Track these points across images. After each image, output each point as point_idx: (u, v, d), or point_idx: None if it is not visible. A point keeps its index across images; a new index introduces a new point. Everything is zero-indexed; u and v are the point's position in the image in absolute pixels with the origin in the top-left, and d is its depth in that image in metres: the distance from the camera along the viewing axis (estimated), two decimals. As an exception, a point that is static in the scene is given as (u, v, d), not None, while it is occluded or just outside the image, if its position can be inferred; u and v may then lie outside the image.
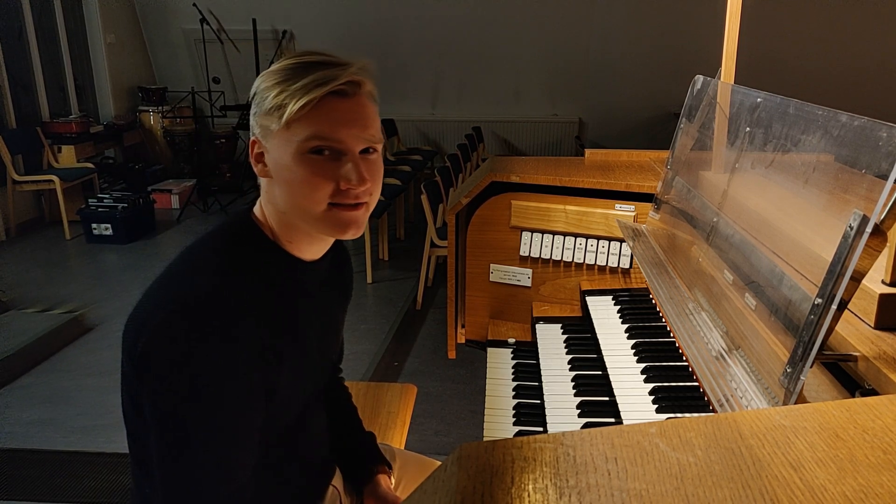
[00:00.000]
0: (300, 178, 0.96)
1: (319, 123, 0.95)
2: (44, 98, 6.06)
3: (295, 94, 0.94)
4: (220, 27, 6.98)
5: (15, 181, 5.37)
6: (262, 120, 0.98)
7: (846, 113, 1.00)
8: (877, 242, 0.84)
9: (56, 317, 3.68)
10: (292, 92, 0.94)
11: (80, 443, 2.70)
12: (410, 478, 1.44)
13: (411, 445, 1.76)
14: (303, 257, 1.07)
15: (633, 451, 0.62)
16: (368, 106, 1.00)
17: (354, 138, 0.97)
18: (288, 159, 0.96)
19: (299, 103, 0.93)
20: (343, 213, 0.99)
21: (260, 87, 0.98)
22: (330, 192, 0.97)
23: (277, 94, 0.95)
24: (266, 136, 0.99)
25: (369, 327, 3.81)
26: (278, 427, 1.08)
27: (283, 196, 1.00)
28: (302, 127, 0.95)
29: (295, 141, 0.95)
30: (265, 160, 1.00)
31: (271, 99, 0.95)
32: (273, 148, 0.98)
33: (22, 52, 5.85)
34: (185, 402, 0.91)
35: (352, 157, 0.97)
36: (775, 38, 6.07)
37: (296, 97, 0.93)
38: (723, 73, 1.64)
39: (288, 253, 1.05)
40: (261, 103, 0.98)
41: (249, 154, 1.03)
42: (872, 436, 0.65)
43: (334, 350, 1.29)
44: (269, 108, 0.96)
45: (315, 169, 0.96)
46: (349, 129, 0.96)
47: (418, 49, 7.02)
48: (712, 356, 1.21)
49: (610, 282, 1.98)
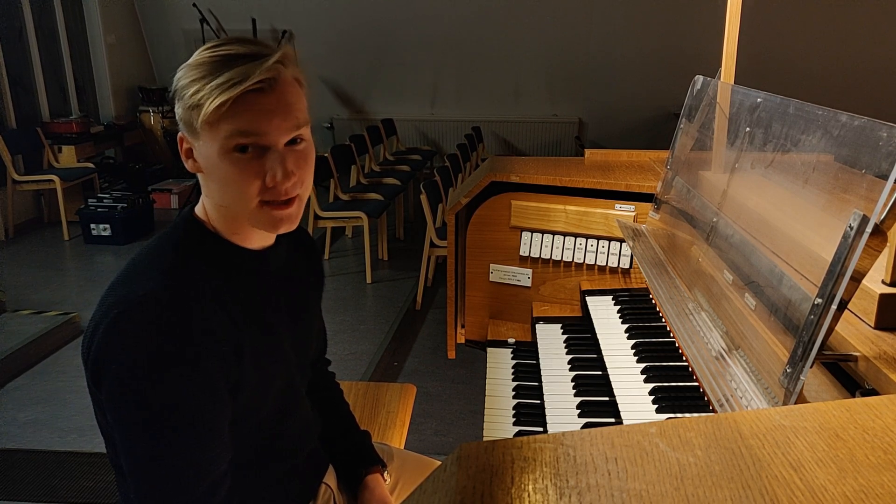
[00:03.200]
0: (228, 177, 0.95)
1: (239, 121, 0.92)
2: (44, 98, 6.06)
3: (211, 93, 0.91)
4: (219, 27, 6.97)
5: (15, 181, 5.37)
6: (184, 116, 0.96)
7: (846, 113, 1.00)
8: (877, 242, 0.84)
9: (51, 318, 3.68)
10: (208, 91, 0.91)
11: (75, 443, 2.70)
12: (410, 478, 1.43)
13: (411, 445, 1.76)
14: (251, 247, 1.05)
15: (633, 451, 0.62)
16: (289, 94, 0.96)
17: (276, 130, 0.94)
18: (214, 157, 0.95)
19: (215, 103, 0.91)
20: (273, 211, 0.98)
21: (178, 84, 0.96)
22: (258, 189, 0.96)
23: (194, 92, 0.93)
24: (191, 133, 0.97)
25: (369, 327, 3.80)
26: (254, 423, 1.06)
27: (216, 192, 0.99)
28: (222, 125, 0.93)
29: (218, 138, 0.94)
30: (194, 156, 0.99)
31: (189, 97, 0.93)
32: (199, 145, 0.97)
33: (22, 52, 5.85)
34: (145, 400, 0.90)
35: (276, 152, 0.95)
36: (775, 38, 6.07)
37: (212, 97, 0.91)
38: (723, 73, 1.64)
39: (234, 244, 1.03)
40: (181, 100, 0.96)
41: (179, 150, 1.01)
42: (872, 436, 0.65)
43: (311, 341, 1.26)
44: (189, 106, 0.94)
45: (241, 167, 0.94)
46: (269, 123, 0.94)
47: (418, 48, 7.02)
48: (712, 356, 1.21)
49: (610, 282, 1.98)
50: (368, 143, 5.86)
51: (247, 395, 1.01)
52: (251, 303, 1.03)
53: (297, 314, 1.17)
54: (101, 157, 6.49)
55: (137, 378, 0.89)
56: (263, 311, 1.06)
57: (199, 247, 1.01)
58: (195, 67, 0.94)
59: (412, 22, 6.90)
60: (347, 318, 3.90)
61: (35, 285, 4.38)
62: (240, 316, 1.00)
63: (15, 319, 3.69)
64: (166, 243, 1.01)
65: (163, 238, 1.03)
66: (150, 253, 1.00)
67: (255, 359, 1.01)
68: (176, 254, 0.99)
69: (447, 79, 7.21)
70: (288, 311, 1.13)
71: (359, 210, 4.45)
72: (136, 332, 0.90)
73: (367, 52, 7.04)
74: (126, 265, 1.00)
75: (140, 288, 0.92)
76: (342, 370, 1.49)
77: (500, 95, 7.21)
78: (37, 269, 4.72)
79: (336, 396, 1.42)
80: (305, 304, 1.21)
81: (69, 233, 5.35)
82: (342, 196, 4.77)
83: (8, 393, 3.09)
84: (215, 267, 1.01)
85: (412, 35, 6.96)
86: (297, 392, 1.19)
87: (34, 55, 5.95)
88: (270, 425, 1.11)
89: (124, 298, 0.92)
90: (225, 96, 0.91)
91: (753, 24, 2.28)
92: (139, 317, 0.90)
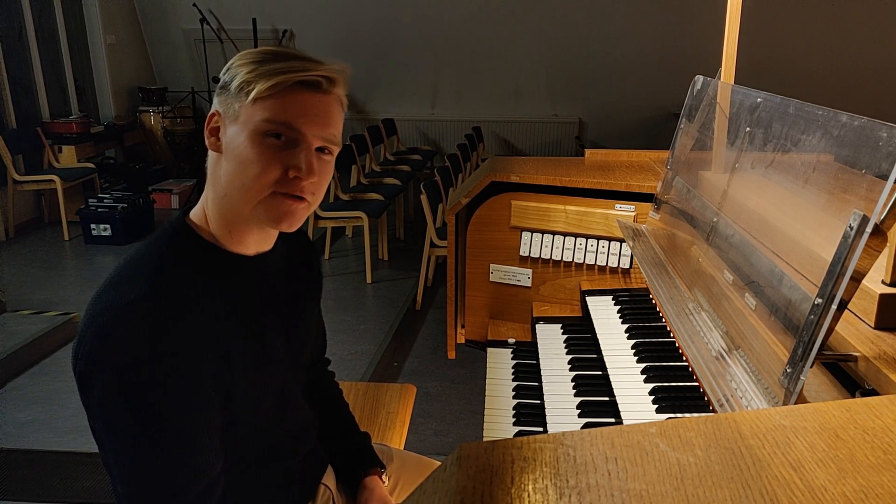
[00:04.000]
0: (251, 157, 0.95)
1: (284, 108, 0.95)
2: (44, 98, 6.06)
3: (266, 74, 0.94)
4: (220, 27, 6.98)
5: (15, 181, 5.37)
6: (227, 95, 0.98)
7: (846, 113, 1.00)
8: (877, 242, 0.84)
9: (51, 318, 3.69)
10: (264, 72, 0.94)
11: (74, 443, 2.70)
12: (409, 478, 1.43)
13: (411, 445, 1.76)
14: (245, 252, 1.04)
15: (633, 451, 0.62)
16: (335, 108, 1.00)
17: (314, 132, 0.97)
18: (243, 137, 0.96)
19: (269, 83, 0.93)
20: (284, 201, 0.97)
21: (234, 64, 0.98)
22: (276, 177, 0.96)
23: (248, 71, 0.95)
24: (227, 111, 0.98)
25: (369, 327, 3.81)
26: (249, 427, 1.06)
27: (229, 174, 0.98)
28: (266, 108, 0.94)
29: (255, 120, 0.95)
30: (219, 134, 0.99)
31: (242, 76, 0.95)
32: (231, 123, 0.97)
33: (22, 52, 5.85)
34: (133, 405, 0.89)
35: (306, 148, 0.97)
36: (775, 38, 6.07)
37: (266, 76, 0.94)
38: (723, 73, 1.64)
39: (227, 251, 1.03)
40: (230, 79, 0.97)
41: (205, 126, 1.01)
42: (872, 436, 0.65)
43: (306, 346, 1.25)
44: (238, 84, 0.96)
45: (267, 151, 0.95)
46: (312, 122, 0.96)
47: (418, 48, 7.02)
48: (712, 356, 1.21)
49: (610, 282, 1.98)
50: (369, 143, 5.86)
51: (239, 401, 1.00)
52: (241, 309, 1.02)
53: (292, 318, 1.16)
54: (101, 158, 6.49)
55: (124, 384, 0.89)
56: (254, 317, 1.04)
57: (187, 252, 1.00)
58: (254, 54, 0.98)
59: (413, 22, 6.90)
60: (347, 318, 3.90)
61: (35, 285, 4.39)
62: (228, 322, 0.99)
63: (15, 319, 3.70)
64: (153, 249, 1.00)
65: (150, 244, 1.01)
66: (137, 259, 0.99)
67: (246, 365, 1.00)
68: (162, 260, 0.98)
69: (447, 79, 7.22)
70: (281, 317, 1.12)
71: (359, 210, 4.45)
72: (122, 339, 0.89)
73: (367, 52, 7.04)
74: (113, 271, 0.99)
75: (125, 295, 0.91)
76: (342, 370, 1.48)
77: (501, 95, 7.21)
78: (37, 268, 4.72)
79: (335, 396, 1.41)
80: (301, 307, 1.20)
81: (69, 233, 5.35)
82: (342, 196, 4.78)
83: (7, 393, 3.09)
84: (203, 273, 0.99)
85: (413, 35, 6.96)
86: (293, 395, 1.19)
87: (34, 55, 5.95)
88: (266, 429, 1.10)
89: (110, 305, 0.91)
90: (279, 79, 0.94)
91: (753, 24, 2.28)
92: (125, 323, 0.89)
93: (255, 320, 1.05)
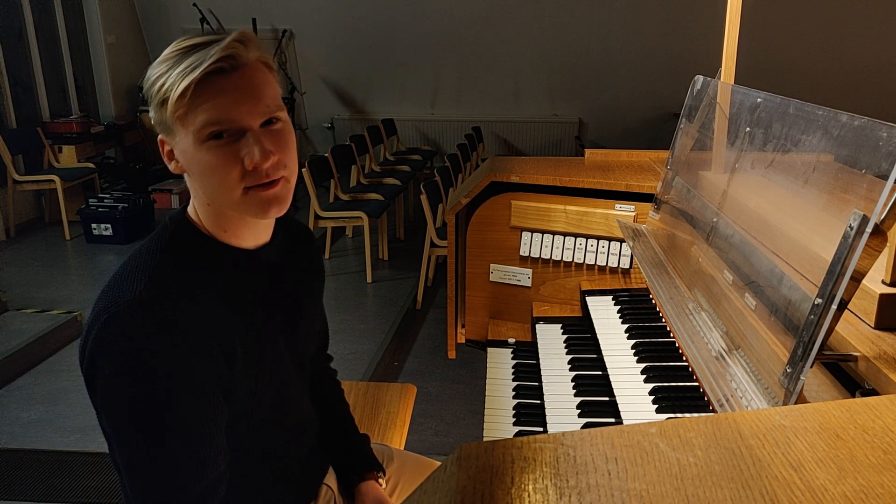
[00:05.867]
0: (207, 168, 0.94)
1: (207, 108, 0.91)
2: (44, 98, 6.06)
3: (174, 83, 0.90)
4: (220, 27, 6.97)
5: (15, 181, 5.37)
6: (157, 116, 0.95)
7: (846, 113, 1.00)
8: (877, 242, 0.84)
9: (54, 317, 3.69)
10: (171, 82, 0.90)
11: (79, 443, 2.70)
12: (409, 478, 1.43)
13: (411, 445, 1.76)
14: (244, 246, 1.04)
15: (633, 451, 0.62)
16: (255, 76, 0.94)
17: (248, 113, 0.93)
18: (191, 151, 0.94)
19: (178, 92, 0.89)
20: (259, 193, 0.96)
21: (147, 83, 0.95)
22: (239, 175, 0.94)
23: (160, 87, 0.92)
24: (167, 132, 0.96)
25: (369, 327, 3.81)
26: (250, 423, 1.06)
27: (201, 188, 0.98)
28: (193, 115, 0.91)
29: (191, 131, 0.92)
30: (175, 156, 0.98)
31: (156, 94, 0.93)
32: (177, 142, 0.96)
33: (22, 53, 5.85)
34: (136, 403, 0.90)
35: (252, 134, 0.94)
36: (775, 38, 6.07)
37: (175, 86, 0.90)
38: (723, 73, 1.64)
39: (226, 245, 1.02)
40: (151, 99, 0.95)
41: (161, 154, 1.00)
42: (872, 436, 0.65)
43: (309, 341, 1.24)
44: (158, 103, 0.93)
45: (218, 155, 0.93)
46: (238, 105, 0.92)
47: (418, 49, 7.02)
48: (712, 356, 1.21)
49: (610, 282, 1.98)
50: (369, 143, 5.86)
51: (240, 397, 1.00)
52: (241, 302, 1.02)
53: (294, 312, 1.15)
54: (101, 157, 6.49)
55: (128, 381, 0.89)
56: (255, 311, 1.04)
57: (187, 248, 1.00)
58: (160, 64, 0.93)
59: (413, 22, 6.90)
60: (347, 317, 3.90)
61: (37, 284, 4.39)
62: (230, 317, 0.99)
63: (18, 318, 3.70)
64: (154, 246, 1.00)
65: (152, 240, 1.02)
66: (139, 256, 0.99)
67: (248, 359, 1.01)
68: (163, 256, 0.98)
69: (447, 79, 7.22)
70: (283, 310, 1.11)
71: (359, 210, 4.45)
72: (125, 336, 0.89)
73: (367, 51, 7.04)
74: (118, 269, 0.99)
75: (128, 292, 0.92)
76: (342, 370, 1.48)
77: (500, 95, 7.21)
78: (39, 268, 4.73)
79: (335, 396, 1.40)
80: (303, 301, 1.19)
81: (70, 232, 5.36)
82: (342, 196, 4.78)
83: (11, 392, 3.09)
84: (204, 268, 0.99)
85: (413, 35, 6.96)
86: (294, 391, 1.18)
87: (34, 55, 5.95)
88: (267, 425, 1.10)
89: (113, 303, 0.92)
90: (187, 82, 0.89)
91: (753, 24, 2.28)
92: (127, 320, 0.90)
93: (255, 314, 1.05)
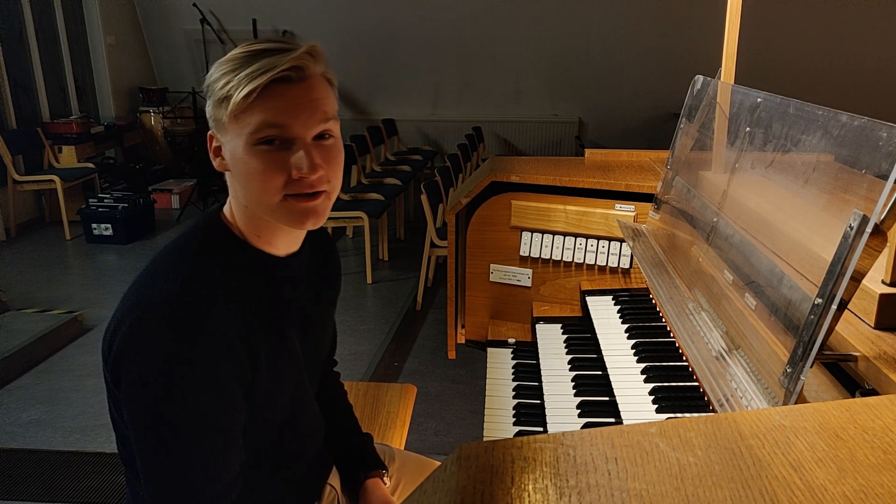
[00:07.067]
0: (253, 171, 0.94)
1: (266, 112, 0.92)
2: (44, 98, 6.06)
3: (239, 83, 0.91)
4: (220, 27, 6.97)
5: (16, 181, 5.37)
6: (213, 112, 0.96)
7: (846, 113, 1.00)
8: (877, 242, 0.84)
9: (55, 317, 3.69)
10: (237, 82, 0.91)
11: (79, 443, 2.70)
12: (410, 478, 1.44)
13: (411, 445, 1.76)
14: (276, 253, 1.05)
15: (633, 451, 0.62)
16: (318, 89, 0.96)
17: (303, 125, 0.94)
18: (240, 151, 0.95)
19: (243, 92, 0.91)
20: (298, 203, 0.96)
21: (210, 79, 0.96)
22: (282, 182, 0.95)
23: (223, 84, 0.93)
24: (219, 129, 0.97)
25: (369, 327, 3.81)
26: (266, 426, 1.06)
27: (242, 189, 0.98)
28: (250, 117, 0.92)
29: (244, 132, 0.93)
30: (223, 153, 0.99)
31: (218, 90, 0.94)
32: (227, 141, 0.97)
33: (22, 53, 5.85)
34: (160, 404, 0.90)
35: (303, 145, 0.95)
36: (775, 38, 6.08)
37: (240, 87, 0.91)
38: (723, 73, 1.64)
39: (258, 250, 1.03)
40: (211, 95, 0.96)
41: (208, 149, 1.01)
42: (872, 436, 0.65)
43: (323, 346, 1.26)
44: (218, 100, 0.94)
45: (265, 160, 0.94)
46: (297, 115, 0.93)
47: (419, 49, 7.02)
48: (712, 356, 1.21)
49: (610, 282, 1.98)
50: (369, 143, 5.86)
51: (258, 399, 1.01)
52: (268, 308, 1.03)
53: (312, 319, 1.17)
54: (101, 158, 6.49)
55: (154, 381, 0.90)
56: (280, 317, 1.05)
57: (220, 250, 1.01)
58: (227, 62, 0.95)
59: (413, 22, 6.90)
60: (348, 318, 3.90)
61: (38, 284, 4.39)
62: (256, 321, 0.99)
63: (18, 318, 3.70)
64: (188, 244, 1.01)
65: (186, 237, 1.02)
66: (173, 253, 1.00)
67: (270, 364, 1.01)
68: (196, 257, 0.99)
69: (448, 79, 7.22)
70: (302, 317, 1.13)
71: (359, 210, 4.45)
72: (154, 336, 0.90)
73: (368, 52, 7.04)
74: (149, 263, 1.00)
75: (159, 291, 0.93)
76: (343, 370, 1.49)
77: (501, 95, 7.21)
78: (39, 268, 4.73)
79: (339, 397, 1.42)
80: (320, 309, 1.21)
81: (70, 232, 5.36)
82: (343, 196, 4.77)
83: (11, 392, 3.09)
84: (235, 272, 1.00)
85: (413, 35, 6.96)
86: (307, 395, 1.20)
87: (34, 56, 5.95)
88: (279, 428, 1.11)
89: (145, 300, 0.93)
90: (253, 84, 0.90)
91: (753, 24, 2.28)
92: (157, 320, 0.91)
93: (280, 320, 1.05)
